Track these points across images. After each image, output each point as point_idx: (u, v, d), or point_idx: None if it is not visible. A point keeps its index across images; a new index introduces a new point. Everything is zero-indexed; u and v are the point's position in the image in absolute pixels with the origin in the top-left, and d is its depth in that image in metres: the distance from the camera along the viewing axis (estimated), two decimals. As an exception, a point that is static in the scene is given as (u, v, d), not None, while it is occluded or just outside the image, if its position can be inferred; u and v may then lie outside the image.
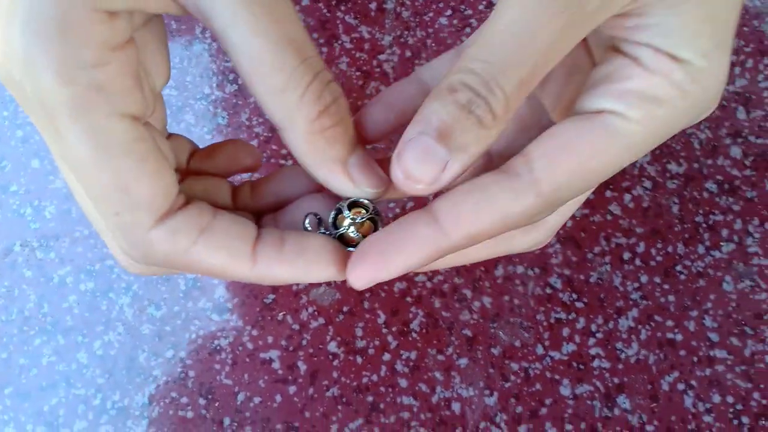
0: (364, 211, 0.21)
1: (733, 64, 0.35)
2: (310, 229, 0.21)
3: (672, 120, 0.19)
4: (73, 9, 0.17)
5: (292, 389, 0.31)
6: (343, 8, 0.37)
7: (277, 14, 0.19)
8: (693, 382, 0.30)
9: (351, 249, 0.21)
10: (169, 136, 0.24)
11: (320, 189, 0.23)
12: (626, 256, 0.32)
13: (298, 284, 0.32)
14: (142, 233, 0.19)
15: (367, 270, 0.20)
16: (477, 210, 0.19)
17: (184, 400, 0.31)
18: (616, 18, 0.19)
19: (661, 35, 0.19)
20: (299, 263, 0.20)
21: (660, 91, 0.19)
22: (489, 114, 0.19)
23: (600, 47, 0.23)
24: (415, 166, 0.19)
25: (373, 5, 0.37)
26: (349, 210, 0.21)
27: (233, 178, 0.29)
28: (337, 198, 0.22)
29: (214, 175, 0.24)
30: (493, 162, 0.25)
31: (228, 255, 0.20)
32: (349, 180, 0.21)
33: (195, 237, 0.20)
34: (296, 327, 0.32)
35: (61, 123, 0.18)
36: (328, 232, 0.21)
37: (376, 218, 0.21)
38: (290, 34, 0.19)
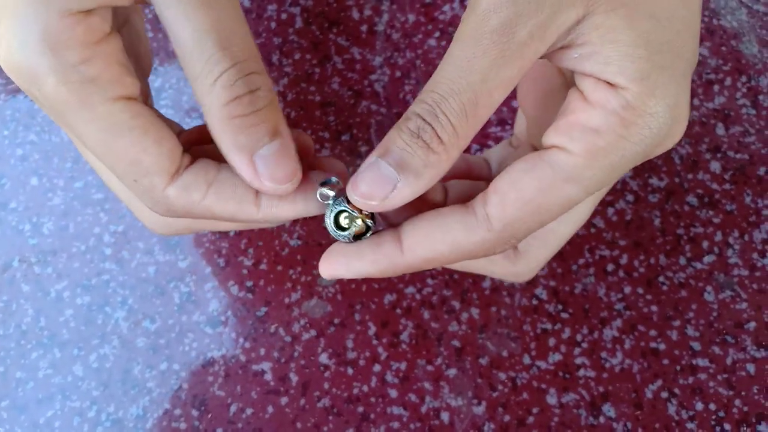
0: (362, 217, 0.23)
1: (711, 83, 0.37)
2: (319, 198, 0.23)
3: (617, 150, 0.20)
4: (50, 20, 0.19)
5: (284, 400, 0.32)
6: (335, 30, 0.39)
7: (211, 3, 0.20)
8: (676, 390, 0.31)
9: (341, 238, 0.23)
10: None
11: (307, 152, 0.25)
12: (610, 267, 0.33)
13: (290, 297, 0.33)
14: (160, 193, 0.22)
15: (332, 268, 0.23)
16: (431, 239, 0.22)
17: (178, 411, 0.32)
18: (563, 50, 0.21)
19: (600, 63, 0.20)
20: (297, 199, 0.22)
21: (598, 122, 0.20)
22: (435, 139, 0.20)
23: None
24: (366, 186, 0.21)
25: (364, 27, 0.39)
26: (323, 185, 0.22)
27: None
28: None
29: None
30: None
31: (236, 202, 0.22)
32: (252, 171, 0.21)
33: (205, 190, 0.22)
34: (288, 339, 0.33)
35: (69, 118, 0.20)
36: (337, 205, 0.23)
37: (370, 224, 0.23)
38: (217, 24, 0.20)
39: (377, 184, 0.21)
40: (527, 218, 0.21)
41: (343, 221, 0.23)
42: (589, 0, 0.19)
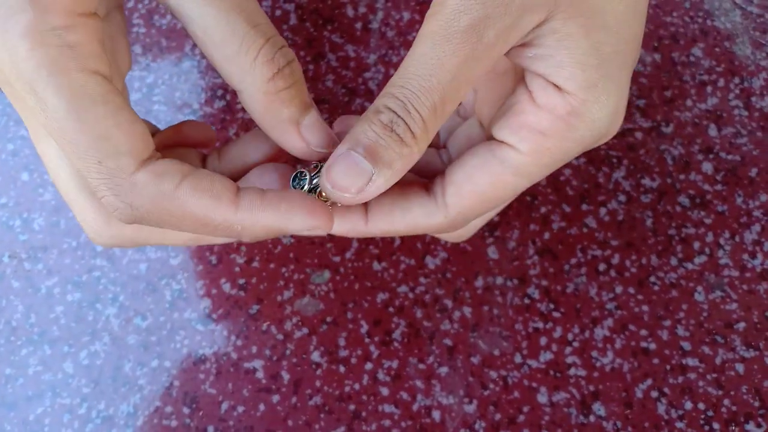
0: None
1: (704, 84, 0.37)
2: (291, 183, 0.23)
3: (560, 150, 0.22)
4: None
5: (276, 398, 0.32)
6: (329, 28, 0.39)
7: None
8: (666, 390, 0.31)
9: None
10: None
11: (278, 154, 0.25)
12: (602, 267, 0.33)
13: (282, 295, 0.33)
14: (126, 177, 0.20)
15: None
16: (395, 217, 0.24)
17: (169, 409, 0.32)
18: (520, 48, 0.22)
19: (552, 66, 0.21)
20: (282, 208, 0.21)
21: (546, 125, 0.22)
22: (408, 133, 0.21)
23: (518, 75, 0.25)
24: (343, 178, 0.21)
25: (358, 25, 0.39)
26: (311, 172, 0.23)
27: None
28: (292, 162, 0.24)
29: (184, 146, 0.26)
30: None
31: (212, 197, 0.20)
32: (302, 141, 0.22)
33: (179, 180, 0.20)
34: (280, 337, 0.33)
35: (39, 85, 0.19)
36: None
37: None
38: (239, 4, 0.21)
39: (352, 175, 0.21)
40: (479, 207, 0.23)
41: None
42: (551, 6, 0.20)
